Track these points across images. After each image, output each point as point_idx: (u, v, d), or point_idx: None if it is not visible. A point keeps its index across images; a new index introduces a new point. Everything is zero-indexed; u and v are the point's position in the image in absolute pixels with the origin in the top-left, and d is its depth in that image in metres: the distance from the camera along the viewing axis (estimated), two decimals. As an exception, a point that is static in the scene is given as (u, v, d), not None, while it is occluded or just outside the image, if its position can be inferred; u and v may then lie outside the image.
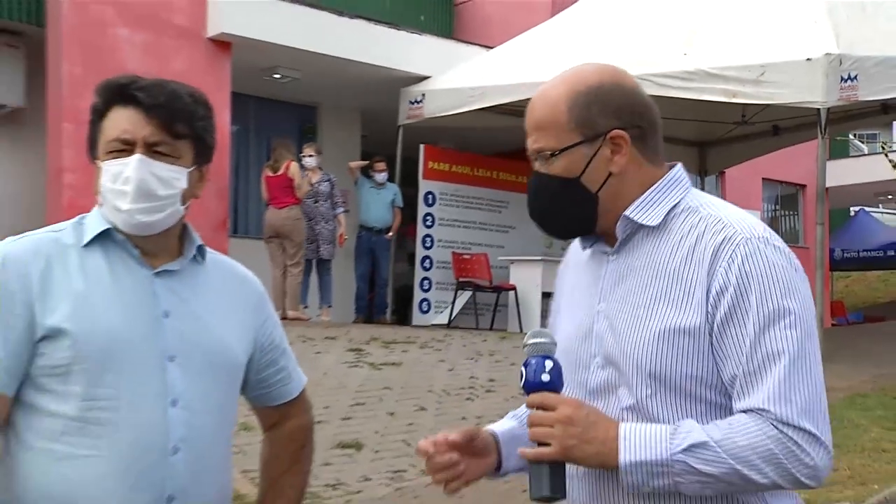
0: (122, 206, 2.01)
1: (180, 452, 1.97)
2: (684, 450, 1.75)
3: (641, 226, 1.92)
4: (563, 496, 1.84)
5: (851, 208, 24.91)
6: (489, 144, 13.38)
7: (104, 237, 2.02)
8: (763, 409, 1.75)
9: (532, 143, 1.95)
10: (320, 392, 8.35)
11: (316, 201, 12.06)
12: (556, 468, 1.82)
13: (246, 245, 12.53)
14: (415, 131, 13.06)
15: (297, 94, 13.74)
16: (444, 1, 16.02)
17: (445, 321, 13.09)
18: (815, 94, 9.27)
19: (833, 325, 17.13)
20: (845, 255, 22.67)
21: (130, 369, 1.94)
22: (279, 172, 11.74)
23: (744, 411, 1.77)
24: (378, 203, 12.83)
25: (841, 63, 9.21)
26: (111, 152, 2.01)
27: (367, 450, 7.28)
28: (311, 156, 12.02)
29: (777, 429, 1.74)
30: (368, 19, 12.91)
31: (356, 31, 12.56)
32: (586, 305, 1.98)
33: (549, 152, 1.93)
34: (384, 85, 12.94)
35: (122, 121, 2.02)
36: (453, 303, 13.26)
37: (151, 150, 2.02)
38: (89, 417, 1.90)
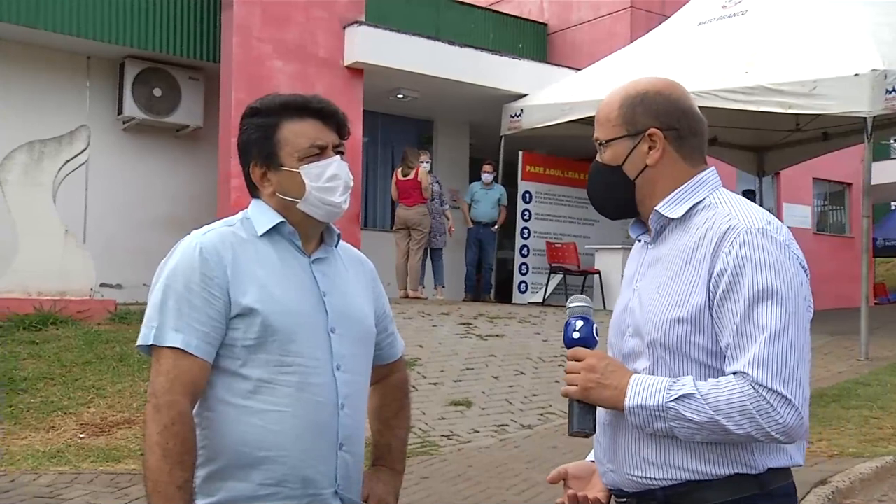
0: (335, 199, 2.03)
1: (346, 408, 2.00)
2: (676, 399, 1.78)
3: (669, 219, 1.92)
4: (592, 432, 1.89)
5: (892, 203, 24.09)
6: (577, 150, 13.20)
7: (271, 229, 2.02)
8: (744, 372, 1.76)
9: (594, 134, 1.99)
10: (436, 358, 8.40)
11: (432, 199, 12.10)
12: (584, 409, 1.86)
13: (373, 235, 12.66)
14: (515, 140, 12.98)
15: (416, 110, 13.78)
16: (539, 31, 15.87)
17: (540, 300, 12.98)
18: (862, 104, 9.00)
19: (876, 303, 16.49)
20: (886, 243, 21.98)
21: (307, 341, 1.96)
22: (409, 176, 11.82)
23: (732, 374, 1.78)
24: (486, 201, 12.79)
25: (886, 77, 8.93)
26: (306, 157, 2.01)
27: (476, 407, 7.29)
28: (426, 162, 12.05)
29: (754, 388, 1.74)
30: (476, 48, 12.86)
31: (466, 58, 12.53)
32: (629, 286, 2.01)
33: (600, 142, 1.97)
34: (489, 102, 12.89)
35: (310, 130, 2.02)
36: (547, 284, 13.13)
37: (337, 151, 2.05)
38: (278, 380, 1.93)
